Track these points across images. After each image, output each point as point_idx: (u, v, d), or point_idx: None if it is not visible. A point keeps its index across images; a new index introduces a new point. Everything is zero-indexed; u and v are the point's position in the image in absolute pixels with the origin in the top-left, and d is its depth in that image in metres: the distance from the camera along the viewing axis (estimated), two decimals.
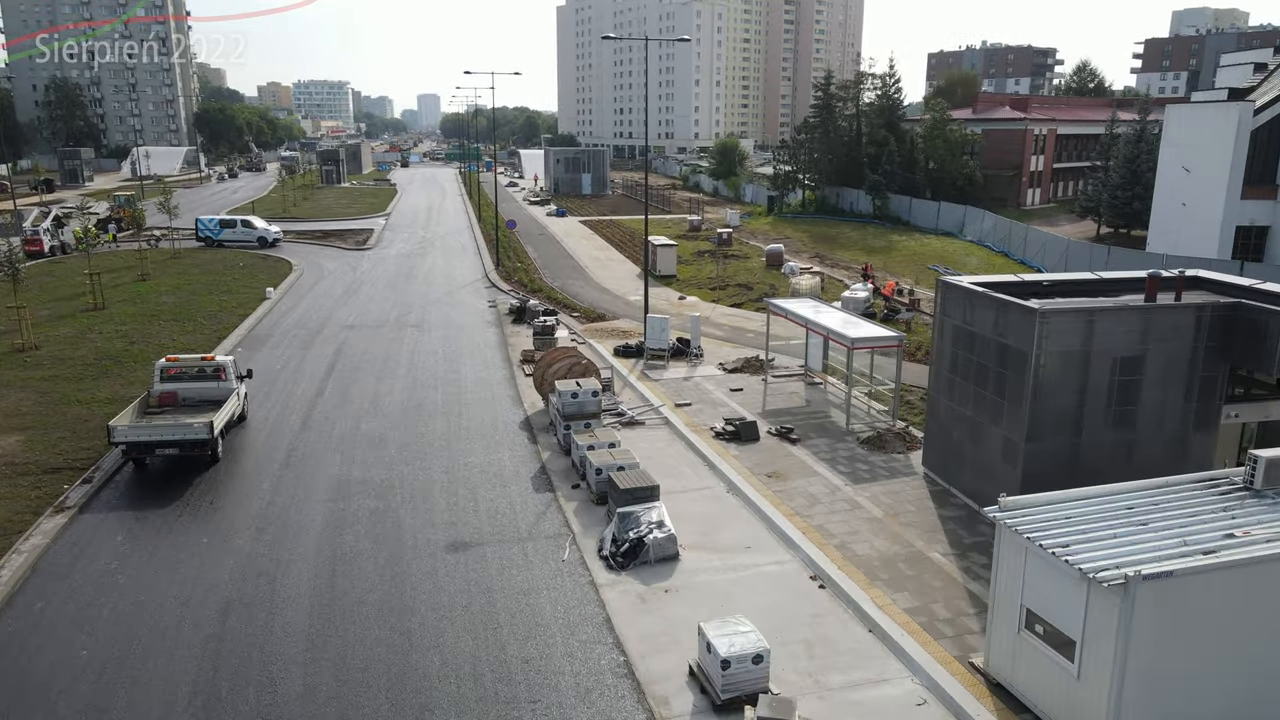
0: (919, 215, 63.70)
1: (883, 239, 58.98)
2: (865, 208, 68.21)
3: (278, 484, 20.28)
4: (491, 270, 50.26)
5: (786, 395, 26.93)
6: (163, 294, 41.84)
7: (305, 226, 68.98)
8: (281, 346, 33.14)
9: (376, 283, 46.59)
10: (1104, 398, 16.76)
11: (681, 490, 19.88)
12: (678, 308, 40.30)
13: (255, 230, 58.13)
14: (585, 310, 39.46)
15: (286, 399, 26.66)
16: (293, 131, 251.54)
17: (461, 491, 20.03)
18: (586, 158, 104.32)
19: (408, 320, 37.93)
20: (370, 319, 38.03)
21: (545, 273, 49.53)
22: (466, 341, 34.27)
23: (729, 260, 52.97)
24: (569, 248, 58.85)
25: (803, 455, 21.78)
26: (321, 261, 53.20)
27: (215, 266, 49.83)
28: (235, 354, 31.70)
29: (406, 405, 26.30)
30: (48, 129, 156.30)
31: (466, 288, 45.91)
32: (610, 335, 35.08)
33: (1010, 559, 12.13)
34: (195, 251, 55.68)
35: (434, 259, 55.11)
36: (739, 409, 25.33)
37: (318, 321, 37.35)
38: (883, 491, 19.50)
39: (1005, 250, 51.19)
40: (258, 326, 36.31)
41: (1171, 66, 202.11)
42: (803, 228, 66.02)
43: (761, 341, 33.03)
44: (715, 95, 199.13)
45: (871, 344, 23.74)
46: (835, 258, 53.58)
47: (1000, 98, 77.49)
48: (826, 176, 70.51)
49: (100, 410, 24.77)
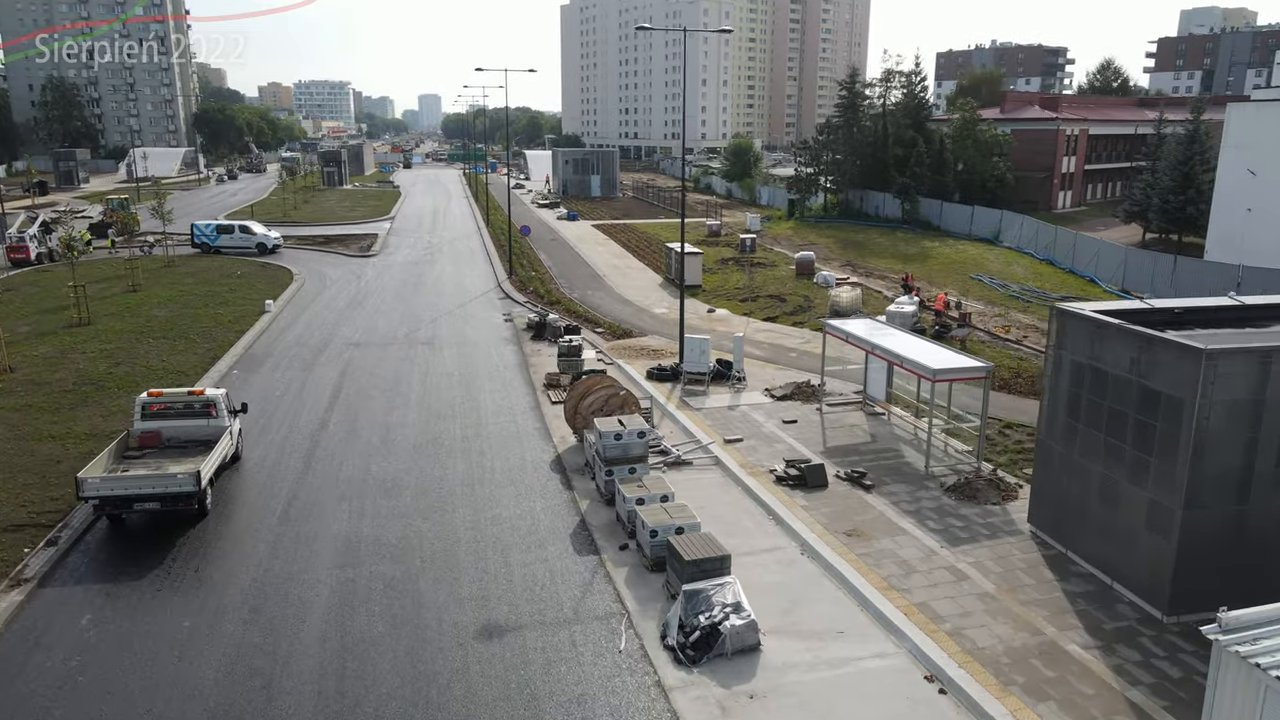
0: (951, 220, 60.75)
1: (915, 245, 56.03)
2: (893, 212, 65.24)
3: (276, 545, 17.37)
4: (504, 279, 47.36)
5: (847, 429, 24.00)
6: (154, 307, 38.94)
7: (306, 231, 66.10)
8: (281, 368, 30.22)
9: (383, 293, 43.70)
10: (1276, 456, 13.84)
11: (748, 552, 16.97)
12: (708, 322, 37.41)
13: (254, 236, 55.24)
14: (609, 325, 36.55)
15: (287, 432, 23.75)
16: (293, 132, 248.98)
17: (491, 554, 17.12)
18: (596, 159, 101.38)
19: (418, 336, 35.02)
20: (377, 335, 35.14)
21: (561, 282, 46.62)
22: (483, 361, 31.35)
23: (755, 268, 50.06)
24: (584, 254, 55.94)
25: (882, 506, 18.85)
26: (324, 269, 50.32)
27: (211, 276, 46.93)
28: (231, 376, 28.87)
29: (421, 440, 23.39)
30: (44, 130, 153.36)
31: (479, 299, 43.00)
32: (639, 354, 32.18)
33: (1238, 697, 9.20)
34: (191, 259, 52.79)
35: (443, 266, 52.22)
36: (798, 446, 22.42)
37: (321, 338, 34.45)
38: (989, 556, 16.58)
39: (1050, 258, 48.23)
40: (256, 344, 33.40)
41: (1185, 66, 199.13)
42: (827, 233, 63.06)
43: (807, 362, 30.26)
44: (722, 95, 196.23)
45: (957, 375, 20.80)
46: (867, 266, 50.64)
47: (1028, 96, 74.64)
48: (850, 179, 67.53)
49: (76, 448, 21.88)
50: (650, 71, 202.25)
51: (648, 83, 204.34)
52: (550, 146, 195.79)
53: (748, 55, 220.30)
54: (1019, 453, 21.89)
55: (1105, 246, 44.45)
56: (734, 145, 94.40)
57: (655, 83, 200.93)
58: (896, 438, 23.30)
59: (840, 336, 24.66)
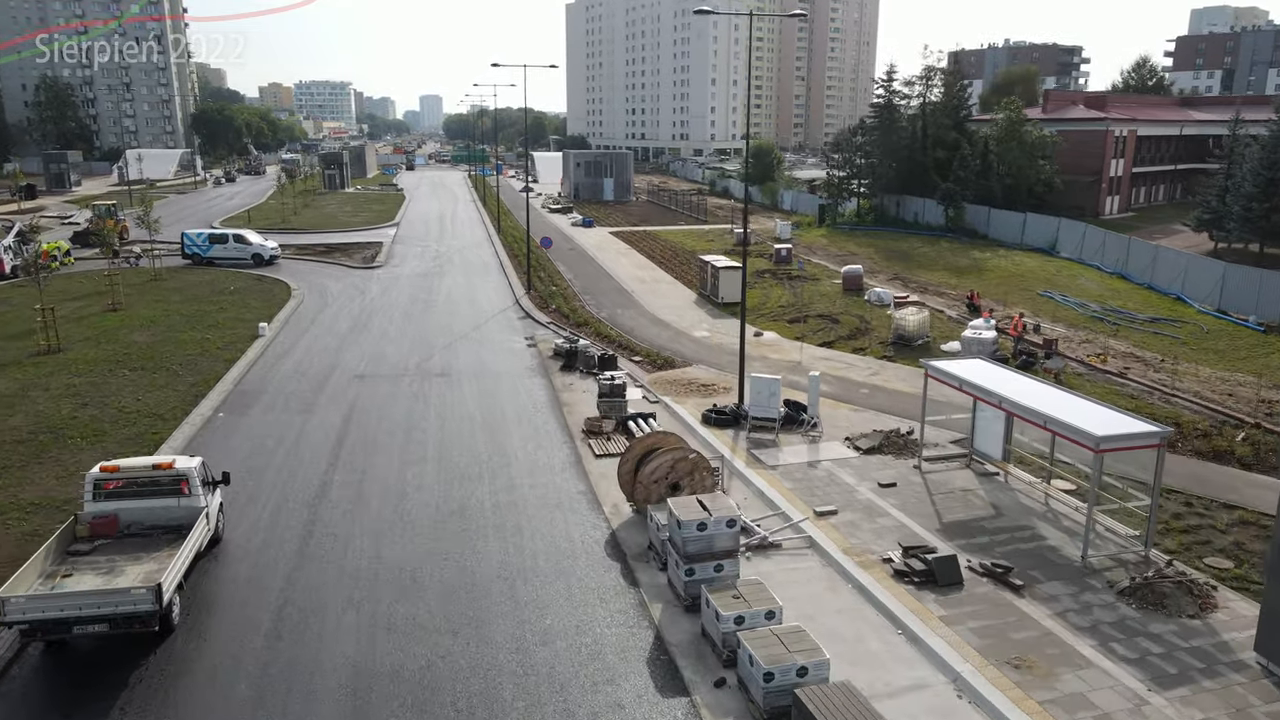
0: (1000, 228, 56.48)
1: (964, 256, 51.79)
2: (934, 218, 60.98)
3: (261, 681, 13.19)
4: (522, 295, 43.17)
5: (959, 496, 19.80)
6: (135, 329, 34.76)
7: (306, 239, 61.95)
8: (276, 408, 26.04)
9: (390, 312, 39.52)
10: None
11: (886, 692, 12.81)
12: (757, 347, 33.22)
13: (249, 246, 51.06)
14: (647, 353, 32.33)
15: (280, 501, 19.56)
16: (294, 132, 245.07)
17: (546, 696, 12.92)
18: (609, 161, 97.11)
19: (431, 366, 30.83)
20: (386, 364, 30.95)
21: (586, 299, 42.41)
22: (509, 400, 27.16)
23: (793, 281, 45.87)
24: (606, 266, 51.74)
25: (1043, 617, 14.65)
26: (325, 283, 46.14)
27: (201, 291, 42.75)
28: (216, 421, 24.70)
29: (443, 510, 19.21)
30: (38, 131, 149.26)
31: (496, 318, 38.82)
32: (687, 391, 28.00)
33: None
34: (180, 272, 48.59)
35: (454, 279, 48.03)
36: (908, 522, 18.23)
37: (321, 368, 30.26)
38: (1221, 709, 12.35)
39: (1122, 272, 43.96)
40: (247, 377, 29.21)
41: (1205, 65, 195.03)
42: (865, 241, 58.84)
43: (882, 401, 26.25)
44: (732, 95, 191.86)
45: (1128, 443, 16.53)
46: (917, 279, 46.42)
47: (1070, 95, 70.46)
48: (887, 184, 63.24)
49: (19, 526, 17.73)
50: (658, 71, 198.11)
51: (655, 83, 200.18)
52: (555, 147, 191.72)
53: (754, 55, 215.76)
54: (1185, 532, 17.72)
55: (1194, 261, 40.17)
56: (755, 147, 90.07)
57: (663, 82, 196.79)
58: (1025, 509, 19.09)
59: (950, 383, 20.43)
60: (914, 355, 31.90)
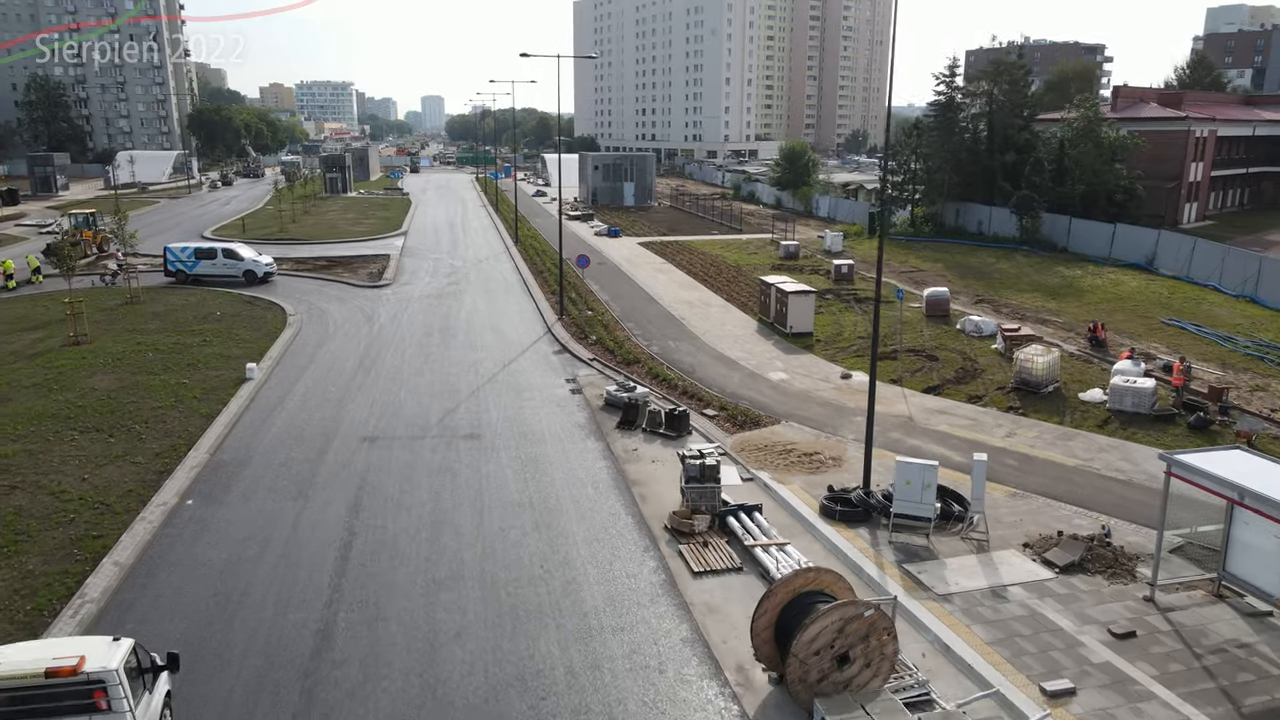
0: (1082, 240, 50.42)
1: (1049, 273, 45.73)
2: (1002, 228, 54.89)
3: None
4: (555, 322, 37.27)
5: (1239, 657, 13.81)
6: (96, 371, 28.86)
7: (305, 251, 56.08)
8: (260, 491, 20.12)
9: (402, 345, 33.61)
10: None
11: None
12: (849, 395, 27.30)
13: (241, 262, 45.13)
14: (721, 404, 26.36)
15: (260, 666, 13.64)
16: (294, 134, 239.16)
17: None
18: (629, 164, 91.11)
19: (458, 423, 24.92)
20: (401, 420, 25.04)
21: (629, 326, 36.48)
22: (561, 476, 21.22)
23: (862, 304, 39.93)
24: (644, 284, 45.78)
25: None
26: (326, 306, 40.24)
27: (183, 318, 36.85)
28: (183, 510, 18.83)
29: (494, 680, 13.31)
30: (28, 132, 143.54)
31: (529, 353, 32.89)
32: (784, 460, 22.08)
33: None
34: (162, 292, 42.67)
35: (473, 301, 42.11)
36: (1192, 715, 12.27)
37: (322, 426, 24.36)
38: None
39: (1253, 296, 37.93)
40: (228, 440, 23.30)
41: (1234, 64, 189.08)
42: (928, 255, 52.81)
43: (1037, 478, 20.26)
44: (746, 95, 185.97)
45: None
46: (1005, 300, 40.44)
47: (1140, 92, 64.56)
48: (949, 190, 57.20)
49: None
50: (669, 70, 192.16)
51: (667, 82, 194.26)
52: (579, 151, 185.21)
53: (765, 54, 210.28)
54: None
55: None
56: (787, 149, 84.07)
57: (675, 82, 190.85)
58: None
59: (1209, 487, 14.47)
60: (1046, 406, 26.03)
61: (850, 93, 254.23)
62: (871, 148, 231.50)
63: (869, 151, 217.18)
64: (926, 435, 23.89)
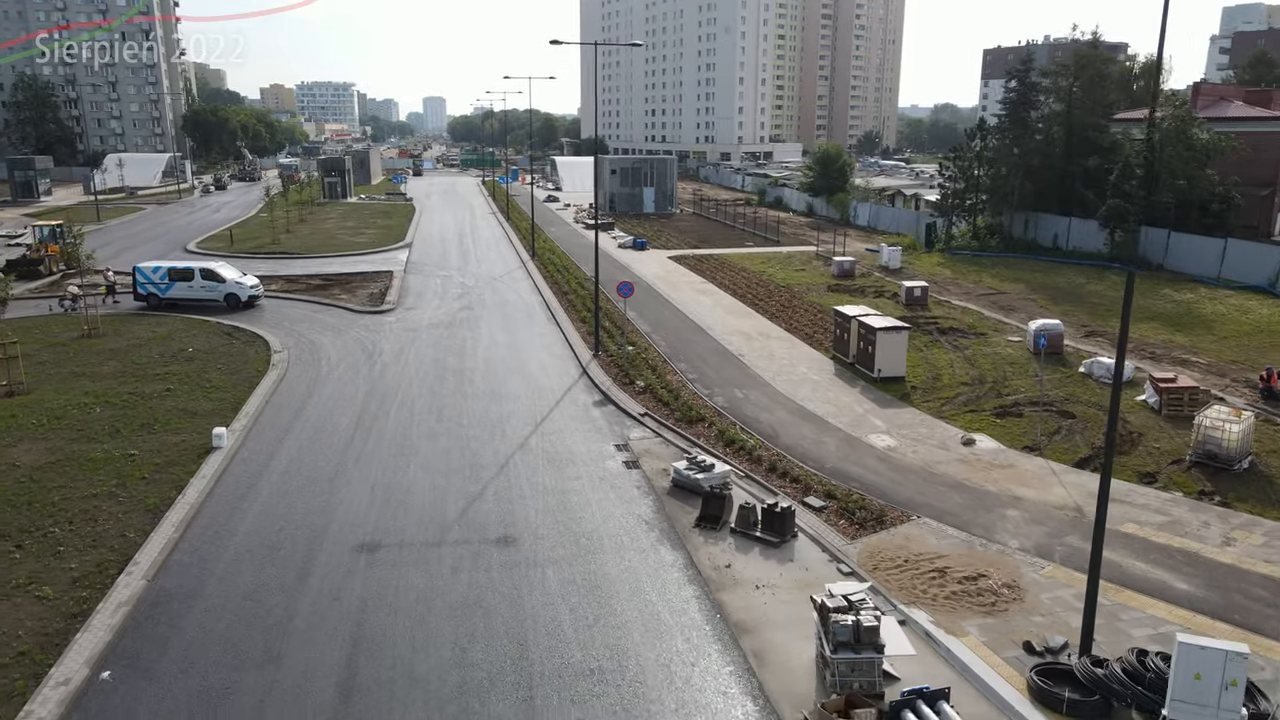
0: (1184, 257, 44.23)
1: (1155, 296, 39.57)
2: (1083, 242, 48.70)
3: None
4: (589, 360, 31.26)
5: None
6: (23, 438, 22.88)
7: (298, 268, 50.15)
8: (209, 653, 14.09)
9: (409, 393, 27.62)
10: None
11: None
12: (977, 471, 21.26)
13: (222, 284, 39.16)
14: (824, 486, 20.27)
15: None
16: (294, 135, 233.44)
17: None
18: (648, 168, 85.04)
19: (485, 518, 18.90)
20: (411, 516, 19.03)
21: (680, 366, 30.42)
22: (637, 618, 15.20)
23: (946, 335, 33.92)
24: (687, 309, 39.74)
25: None
26: (319, 339, 34.28)
27: (146, 357, 30.86)
28: (97, 687, 12.85)
29: None
30: (15, 133, 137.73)
31: (565, 404, 26.87)
32: (936, 584, 16.04)
33: None
34: (128, 321, 36.71)
35: (490, 331, 36.12)
36: None
37: (304, 527, 18.36)
38: None
39: None
40: (177, 553, 17.30)
41: None
42: (1001, 273, 46.66)
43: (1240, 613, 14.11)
44: (761, 95, 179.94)
45: None
46: (1110, 330, 34.39)
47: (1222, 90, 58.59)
48: (1020, 199, 51.01)
49: None
50: (680, 70, 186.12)
51: (677, 81, 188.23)
52: (569, 150, 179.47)
53: (776, 53, 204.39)
54: None
55: None
56: (820, 152, 78.05)
57: (686, 81, 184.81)
58: None
59: None
60: (1249, 489, 20.04)
61: (862, 93, 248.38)
62: (885, 149, 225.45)
63: (884, 153, 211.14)
64: (1113, 542, 17.84)
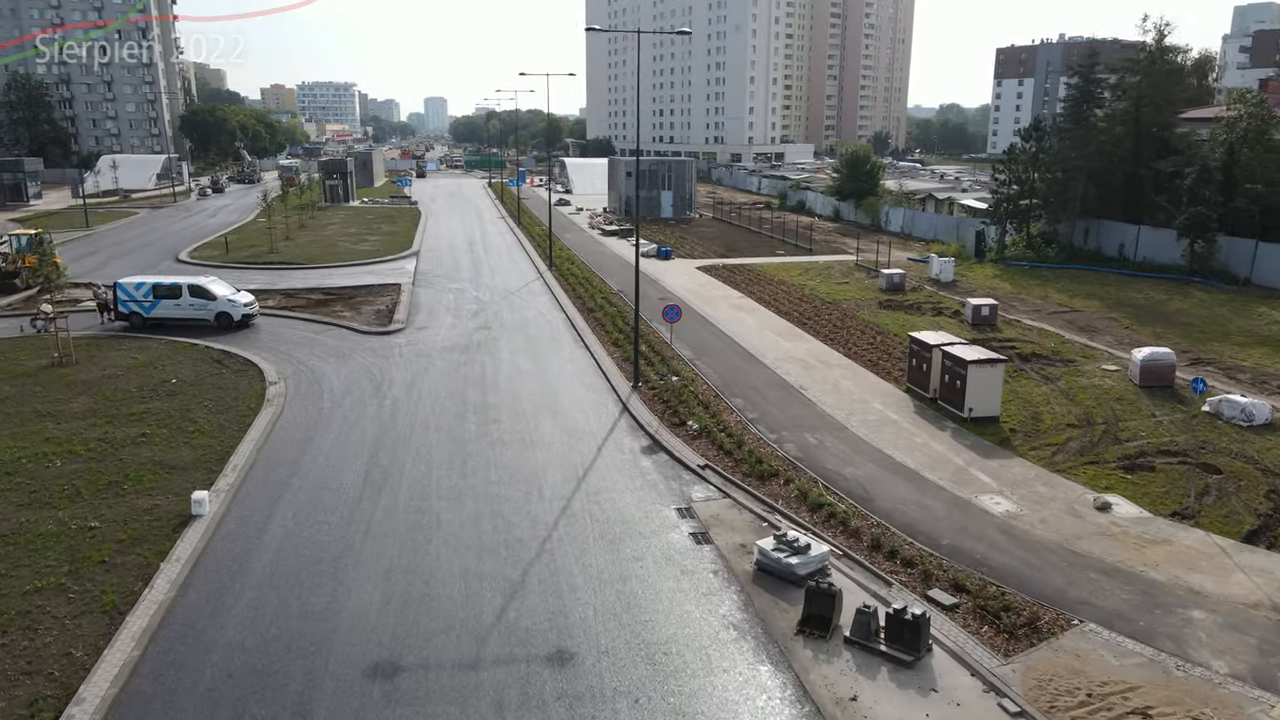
0: (1274, 269, 40.34)
1: (1253, 315, 35.59)
2: (1155, 252, 44.67)
3: None
4: (629, 394, 27.27)
5: None
6: None
7: (298, 280, 46.23)
8: None
9: (426, 439, 23.64)
10: None
11: None
12: (1143, 553, 17.26)
13: (212, 303, 35.22)
14: (949, 574, 16.31)
15: None
16: (295, 135, 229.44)
17: None
18: (666, 170, 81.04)
19: (531, 623, 14.94)
20: (437, 620, 15.07)
21: (737, 404, 26.39)
22: None
23: (1028, 362, 29.96)
24: (730, 330, 35.73)
25: None
26: (320, 367, 30.31)
27: (121, 392, 26.89)
28: None
29: None
30: (8, 134, 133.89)
31: (608, 451, 22.89)
32: None
33: None
34: (105, 345, 32.75)
35: (513, 356, 32.14)
36: None
37: (299, 641, 14.39)
38: None
39: None
40: (135, 680, 13.31)
41: None
42: (1067, 287, 42.61)
43: None
44: (772, 95, 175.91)
45: None
46: (1225, 359, 30.39)
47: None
48: (1083, 205, 46.96)
49: None
50: (689, 69, 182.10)
51: (685, 81, 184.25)
52: (575, 151, 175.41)
53: (785, 53, 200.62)
54: None
55: None
56: (850, 154, 74.10)
57: (695, 81, 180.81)
58: None
59: None
60: None
61: (871, 93, 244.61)
62: (895, 150, 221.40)
63: (894, 154, 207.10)
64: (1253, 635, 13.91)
